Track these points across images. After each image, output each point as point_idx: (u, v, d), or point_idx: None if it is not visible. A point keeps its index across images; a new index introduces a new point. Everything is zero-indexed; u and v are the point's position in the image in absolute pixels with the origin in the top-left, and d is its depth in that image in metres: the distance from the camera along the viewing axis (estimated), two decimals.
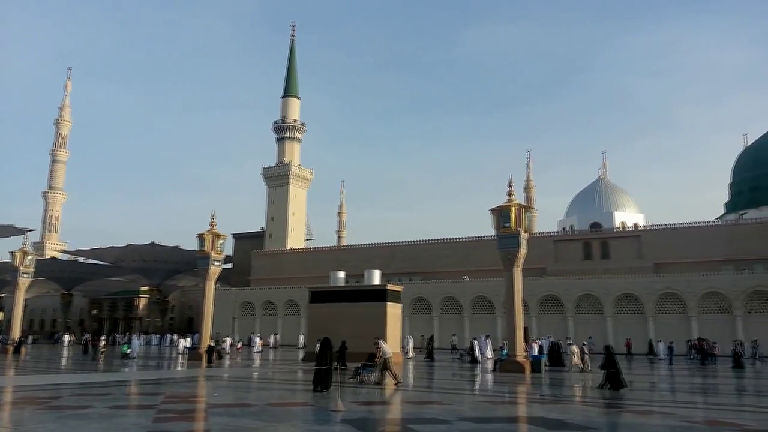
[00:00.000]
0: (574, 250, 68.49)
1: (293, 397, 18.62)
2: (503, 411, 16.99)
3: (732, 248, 59.84)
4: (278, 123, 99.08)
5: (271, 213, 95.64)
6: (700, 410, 17.81)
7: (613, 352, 22.53)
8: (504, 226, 31.02)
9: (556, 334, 57.44)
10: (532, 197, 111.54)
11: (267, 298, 75.35)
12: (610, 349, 22.67)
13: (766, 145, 77.94)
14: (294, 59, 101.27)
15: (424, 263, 74.50)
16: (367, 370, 23.23)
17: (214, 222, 41.42)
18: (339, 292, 38.90)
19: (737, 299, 51.90)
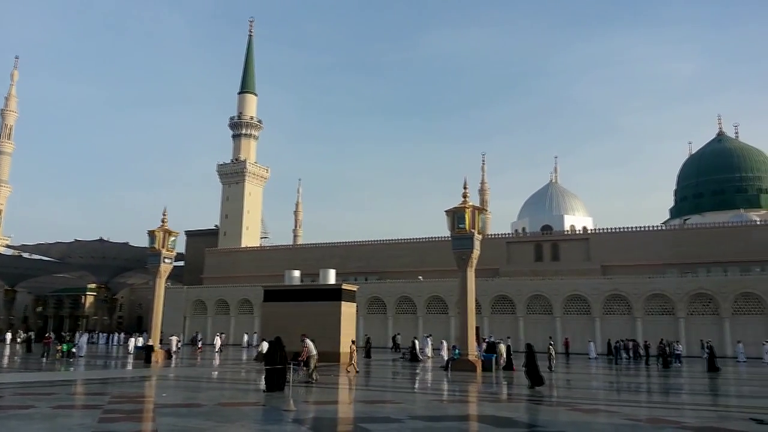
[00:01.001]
0: (526, 251, 69.88)
1: (245, 397, 18.43)
2: (454, 409, 17.23)
3: (676, 252, 62.14)
4: (234, 119, 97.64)
5: (226, 210, 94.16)
6: (628, 408, 18.46)
7: (534, 351, 23.34)
8: (458, 228, 31.45)
9: (507, 334, 58.64)
10: (486, 199, 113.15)
11: (220, 297, 74.20)
12: (531, 348, 23.57)
13: (709, 153, 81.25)
14: (251, 55, 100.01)
15: (379, 263, 74.74)
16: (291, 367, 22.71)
17: (165, 218, 40.59)
18: (294, 291, 38.66)
19: (680, 301, 53.93)
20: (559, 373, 31.09)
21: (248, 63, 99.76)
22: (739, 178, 76.60)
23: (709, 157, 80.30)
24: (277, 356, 19.73)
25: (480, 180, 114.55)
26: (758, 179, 76.84)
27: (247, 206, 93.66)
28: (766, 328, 50.77)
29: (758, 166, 77.74)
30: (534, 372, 22.25)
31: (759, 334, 49.81)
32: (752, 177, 76.84)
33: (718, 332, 51.39)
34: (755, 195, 75.73)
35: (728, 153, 79.22)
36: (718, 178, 77.25)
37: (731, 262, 58.72)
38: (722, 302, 52.53)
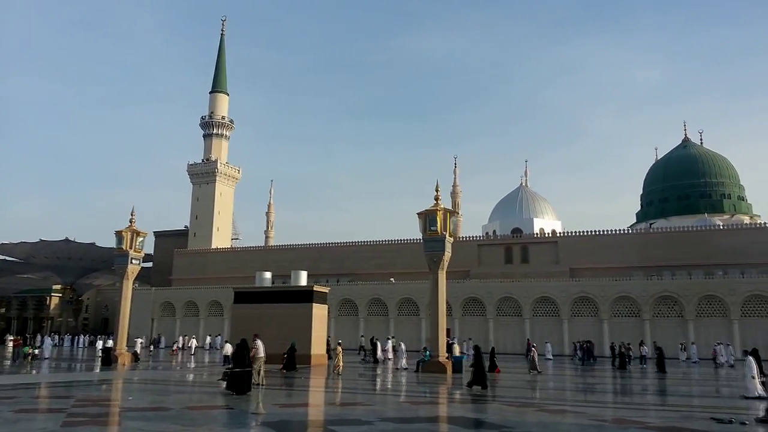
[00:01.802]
0: (497, 254, 70.58)
1: (213, 401, 18.23)
2: (424, 411, 17.31)
3: (642, 255, 63.43)
4: (205, 119, 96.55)
5: (196, 211, 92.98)
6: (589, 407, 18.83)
7: (481, 352, 23.76)
8: (430, 230, 31.62)
9: (478, 336, 59.19)
10: (458, 202, 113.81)
11: (189, 299, 73.24)
12: (478, 349, 23.97)
13: (674, 159, 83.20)
14: (223, 54, 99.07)
15: (351, 265, 74.65)
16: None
17: (133, 219, 39.91)
18: (264, 293, 38.35)
19: (646, 304, 55.07)
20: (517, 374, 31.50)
21: (220, 62, 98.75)
22: (703, 184, 78.61)
23: (675, 163, 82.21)
24: (244, 359, 19.57)
25: (452, 183, 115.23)
26: (721, 185, 78.95)
27: (218, 207, 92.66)
28: (728, 330, 52.19)
29: (722, 172, 79.90)
30: (479, 372, 22.58)
31: (721, 336, 51.16)
32: (716, 183, 78.92)
33: (682, 334, 52.61)
34: (719, 200, 77.78)
35: (693, 159, 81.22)
36: (683, 183, 79.13)
37: (695, 266, 60.19)
38: (686, 305, 53.81)
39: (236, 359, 19.87)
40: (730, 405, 18.96)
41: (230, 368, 22.84)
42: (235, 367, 19.47)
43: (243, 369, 19.24)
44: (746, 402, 19.61)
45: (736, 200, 78.84)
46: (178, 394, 20.99)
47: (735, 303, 52.58)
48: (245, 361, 19.51)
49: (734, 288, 53.26)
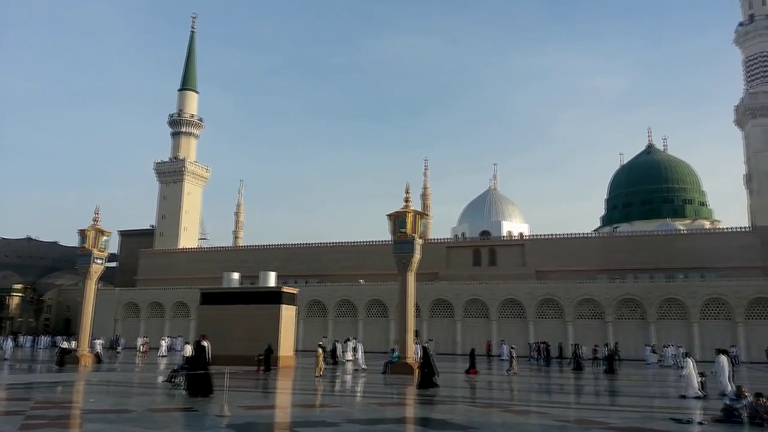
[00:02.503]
0: (465, 256, 71.16)
1: (177, 403, 17.99)
2: (391, 412, 17.38)
3: (606, 259, 64.68)
4: (174, 116, 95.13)
5: (163, 210, 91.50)
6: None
7: (430, 353, 24.10)
8: (400, 232, 31.76)
9: (446, 337, 59.64)
10: (428, 204, 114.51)
11: (154, 300, 72.05)
12: (426, 350, 24.29)
13: (639, 165, 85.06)
14: (193, 52, 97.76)
15: (321, 266, 74.40)
16: (183, 373, 21.94)
17: (97, 217, 39.18)
18: (232, 294, 37.98)
19: (609, 306, 56.18)
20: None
21: (189, 59, 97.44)
22: (666, 189, 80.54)
23: (639, 168, 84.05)
24: (202, 360, 19.38)
25: (422, 185, 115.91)
26: (683, 190, 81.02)
27: (186, 206, 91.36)
28: (688, 332, 53.56)
29: (684, 178, 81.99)
30: (428, 373, 22.82)
31: (682, 338, 52.50)
32: (678, 188, 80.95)
33: (643, 336, 53.80)
34: (681, 205, 79.81)
35: (657, 165, 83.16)
36: (647, 188, 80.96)
37: (657, 269, 61.65)
38: (648, 307, 55.06)
39: (193, 361, 19.66)
40: (682, 405, 19.49)
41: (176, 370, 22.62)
42: (192, 369, 19.26)
43: (200, 371, 19.04)
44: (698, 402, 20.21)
45: (698, 206, 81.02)
46: (140, 396, 20.66)
47: (695, 306, 54.00)
48: (202, 363, 19.31)
49: (694, 291, 54.70)
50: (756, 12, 67.98)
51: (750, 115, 65.37)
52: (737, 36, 69.30)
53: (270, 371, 30.34)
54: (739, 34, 68.94)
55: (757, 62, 67.76)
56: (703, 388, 21.60)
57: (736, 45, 70.05)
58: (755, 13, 67.96)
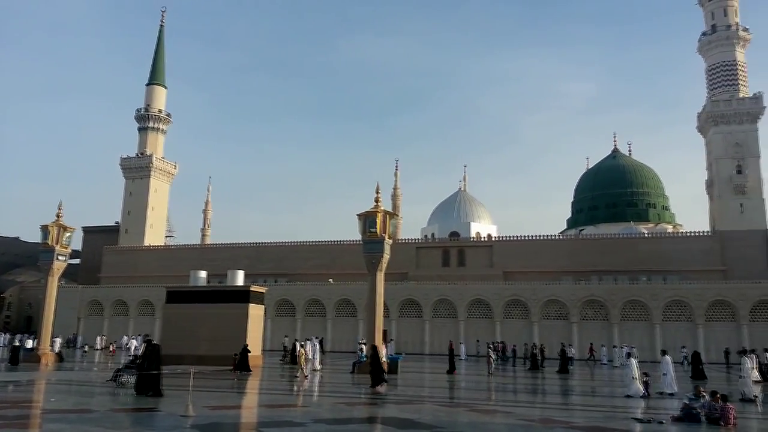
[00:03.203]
0: (434, 256, 71.61)
1: (140, 403, 17.72)
2: (358, 412, 17.42)
3: (572, 261, 65.83)
4: (141, 111, 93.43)
5: (128, 207, 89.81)
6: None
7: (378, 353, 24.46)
8: (370, 231, 31.82)
9: (414, 337, 59.94)
10: (398, 204, 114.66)
11: (118, 298, 70.73)
12: (375, 349, 24.62)
13: (604, 169, 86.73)
14: (162, 46, 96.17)
15: (290, 265, 74.01)
16: (129, 372, 21.83)
17: (61, 213, 38.34)
18: (199, 293, 37.51)
19: (574, 307, 57.19)
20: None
21: (158, 54, 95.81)
22: (630, 193, 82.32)
23: (605, 173, 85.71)
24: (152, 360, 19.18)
25: (393, 185, 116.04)
26: (647, 195, 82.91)
27: (152, 203, 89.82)
28: (650, 333, 54.87)
29: (647, 182, 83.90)
30: (377, 372, 23.09)
31: (644, 339, 53.77)
32: (642, 192, 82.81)
33: (607, 337, 54.91)
34: (644, 209, 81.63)
35: (622, 169, 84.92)
36: (612, 192, 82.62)
37: (621, 272, 62.97)
38: (611, 308, 56.22)
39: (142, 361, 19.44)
40: (635, 405, 19.99)
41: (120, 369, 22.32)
42: (143, 369, 19.05)
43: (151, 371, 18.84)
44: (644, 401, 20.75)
45: (661, 210, 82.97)
46: (102, 395, 20.29)
47: (657, 308, 55.32)
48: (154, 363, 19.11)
49: (656, 293, 56.05)
50: (718, 23, 69.95)
51: (712, 123, 67.21)
52: (700, 45, 71.20)
53: (248, 371, 30.20)
54: (702, 44, 70.85)
55: (718, 71, 69.73)
56: (646, 388, 22.23)
57: (700, 54, 71.97)
58: (717, 24, 69.93)
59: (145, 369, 18.99)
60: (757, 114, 66.25)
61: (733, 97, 66.99)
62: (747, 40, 69.47)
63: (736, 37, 68.61)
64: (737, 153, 65.83)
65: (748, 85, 69.04)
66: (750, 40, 69.79)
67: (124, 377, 21.59)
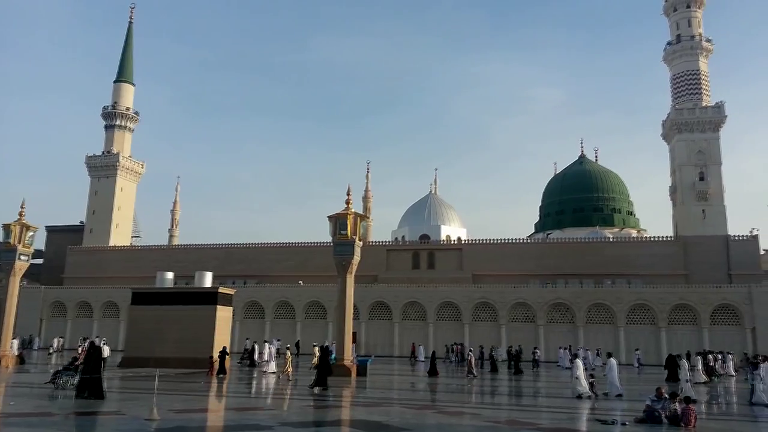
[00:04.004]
0: (405, 259, 71.84)
1: (103, 406, 17.42)
2: (327, 415, 17.42)
3: (539, 264, 66.71)
4: (108, 109, 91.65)
5: (94, 206, 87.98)
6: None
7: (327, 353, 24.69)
8: (340, 234, 31.84)
9: (384, 340, 60.01)
10: (369, 207, 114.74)
11: (82, 299, 69.20)
12: (323, 350, 24.88)
13: (571, 174, 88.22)
14: (130, 43, 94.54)
15: (260, 266, 73.41)
16: (67, 374, 21.59)
17: (23, 212, 37.44)
18: (165, 294, 36.96)
19: (541, 310, 57.95)
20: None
21: (126, 50, 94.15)
22: (596, 198, 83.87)
23: (572, 178, 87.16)
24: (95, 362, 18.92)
25: (364, 187, 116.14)
26: (612, 200, 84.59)
27: (118, 202, 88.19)
28: (614, 336, 55.90)
29: (613, 188, 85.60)
30: (323, 373, 23.29)
31: (608, 342, 54.76)
32: (607, 198, 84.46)
33: (573, 339, 55.78)
34: (610, 214, 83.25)
35: (588, 175, 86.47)
36: (579, 197, 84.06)
37: (587, 275, 64.04)
38: (577, 312, 57.14)
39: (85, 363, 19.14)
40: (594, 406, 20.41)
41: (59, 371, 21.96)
42: (85, 372, 18.77)
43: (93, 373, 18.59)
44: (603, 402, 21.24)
45: (626, 215, 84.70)
46: (64, 399, 19.87)
47: (621, 311, 56.41)
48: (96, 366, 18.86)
49: (621, 297, 57.16)
50: (683, 33, 71.81)
51: (676, 130, 68.90)
52: (665, 54, 72.98)
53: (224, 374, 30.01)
54: (667, 53, 72.63)
55: (683, 80, 71.57)
56: (592, 388, 22.77)
57: (665, 62, 73.75)
58: (682, 34, 71.79)
59: (87, 371, 18.69)
60: (719, 122, 68.13)
61: (696, 106, 68.78)
62: (710, 51, 71.46)
63: (699, 47, 70.50)
64: (700, 160, 67.60)
65: (711, 94, 71.02)
66: (713, 51, 71.81)
67: (63, 379, 21.28)
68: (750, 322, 53.24)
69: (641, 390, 27.11)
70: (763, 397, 21.29)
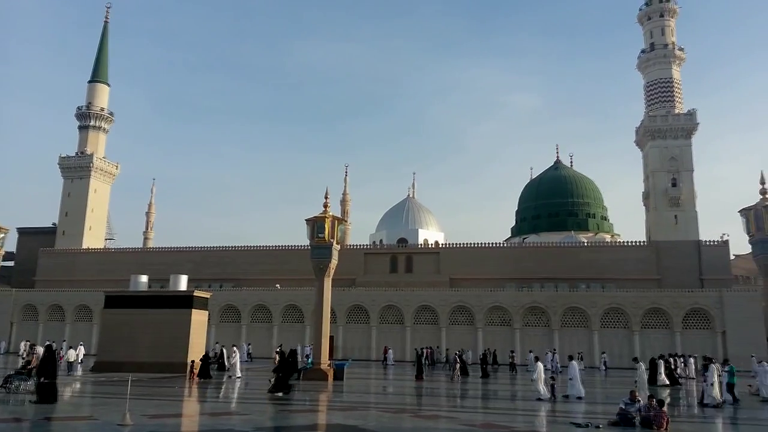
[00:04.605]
0: (382, 263, 71.85)
1: (76, 411, 17.13)
2: (302, 419, 17.35)
3: (515, 268, 67.23)
4: (82, 109, 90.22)
5: (66, 208, 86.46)
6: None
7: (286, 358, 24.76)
8: (318, 237, 31.76)
9: (361, 343, 59.96)
10: (347, 210, 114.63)
11: (54, 302, 67.91)
12: (283, 354, 24.93)
13: (547, 179, 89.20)
14: (106, 43, 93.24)
15: (236, 270, 72.79)
16: (19, 378, 21.37)
17: None
18: (139, 298, 36.51)
19: (517, 313, 58.44)
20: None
21: (102, 51, 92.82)
22: (571, 203, 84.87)
23: (547, 183, 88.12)
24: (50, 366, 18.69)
25: (342, 191, 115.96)
26: (587, 205, 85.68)
27: (92, 204, 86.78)
28: (589, 339, 56.58)
29: (588, 193, 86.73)
30: (285, 378, 23.31)
31: (583, 345, 55.40)
32: (582, 203, 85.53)
33: (548, 343, 56.31)
34: (584, 219, 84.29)
35: (563, 180, 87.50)
36: (554, 202, 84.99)
37: (562, 279, 64.77)
38: (552, 315, 57.75)
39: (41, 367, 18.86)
40: (538, 408, 20.67)
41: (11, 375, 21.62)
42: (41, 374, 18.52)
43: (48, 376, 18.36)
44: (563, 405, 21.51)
45: (600, 220, 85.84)
46: (36, 404, 19.49)
47: (595, 315, 57.15)
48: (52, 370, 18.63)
49: (595, 301, 57.91)
50: (656, 41, 73.19)
51: (649, 137, 70.12)
52: (639, 62, 74.28)
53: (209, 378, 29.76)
54: (641, 61, 73.94)
55: (656, 87, 72.91)
56: (553, 391, 23.08)
57: (639, 70, 75.05)
58: (655, 42, 73.16)
59: (43, 374, 18.42)
60: (691, 129, 69.48)
61: (669, 113, 70.07)
62: (682, 59, 72.92)
63: (672, 55, 71.89)
64: (672, 167, 68.85)
65: (683, 101, 72.42)
66: (685, 59, 73.26)
67: (15, 383, 20.92)
68: (721, 326, 54.30)
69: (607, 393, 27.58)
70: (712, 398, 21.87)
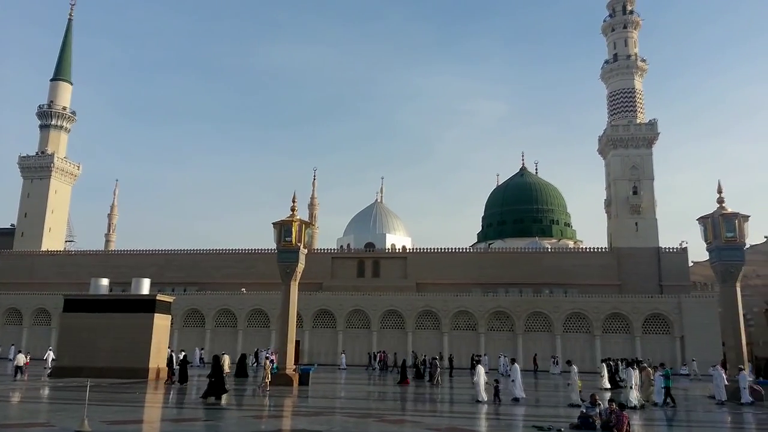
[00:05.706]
0: (350, 267, 71.75)
1: (33, 417, 16.71)
2: (267, 425, 17.25)
3: (481, 273, 67.92)
4: (44, 108, 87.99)
5: (26, 208, 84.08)
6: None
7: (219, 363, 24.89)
8: (285, 241, 31.68)
9: (327, 348, 59.77)
10: (315, 214, 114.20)
11: (11, 305, 65.99)
12: (218, 359, 25.05)
13: (513, 186, 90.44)
14: (69, 40, 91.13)
15: (201, 273, 71.74)
16: None
17: None
18: (100, 301, 35.76)
19: (482, 318, 59.07)
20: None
21: (65, 48, 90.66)
22: (536, 210, 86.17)
23: (513, 189, 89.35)
24: None
25: (310, 195, 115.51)
26: (551, 211, 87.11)
27: (52, 205, 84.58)
28: (551, 343, 57.55)
29: (552, 200, 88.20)
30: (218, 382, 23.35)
31: (546, 349, 56.32)
32: (546, 209, 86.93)
33: (512, 347, 57.08)
34: (548, 225, 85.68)
35: (528, 187, 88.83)
36: (519, 208, 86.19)
37: (526, 284, 65.65)
38: (517, 320, 58.56)
39: None
40: (478, 410, 21.03)
41: None
42: None
43: None
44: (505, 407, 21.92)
45: (563, 226, 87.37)
46: None
47: (558, 319, 58.17)
48: None
49: (558, 306, 58.96)
50: (619, 52, 74.99)
51: (611, 146, 71.73)
52: (603, 72, 75.96)
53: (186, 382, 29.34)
54: (605, 71, 75.63)
55: (618, 97, 74.65)
56: (496, 394, 23.49)
57: (602, 80, 76.72)
58: (618, 53, 74.95)
59: None
60: (652, 139, 71.31)
61: (631, 123, 71.78)
62: (644, 70, 74.85)
63: (635, 66, 73.73)
64: (633, 175, 70.53)
65: (645, 111, 74.33)
66: (647, 70, 75.21)
67: None
68: (679, 331, 55.86)
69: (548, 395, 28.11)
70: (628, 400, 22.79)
